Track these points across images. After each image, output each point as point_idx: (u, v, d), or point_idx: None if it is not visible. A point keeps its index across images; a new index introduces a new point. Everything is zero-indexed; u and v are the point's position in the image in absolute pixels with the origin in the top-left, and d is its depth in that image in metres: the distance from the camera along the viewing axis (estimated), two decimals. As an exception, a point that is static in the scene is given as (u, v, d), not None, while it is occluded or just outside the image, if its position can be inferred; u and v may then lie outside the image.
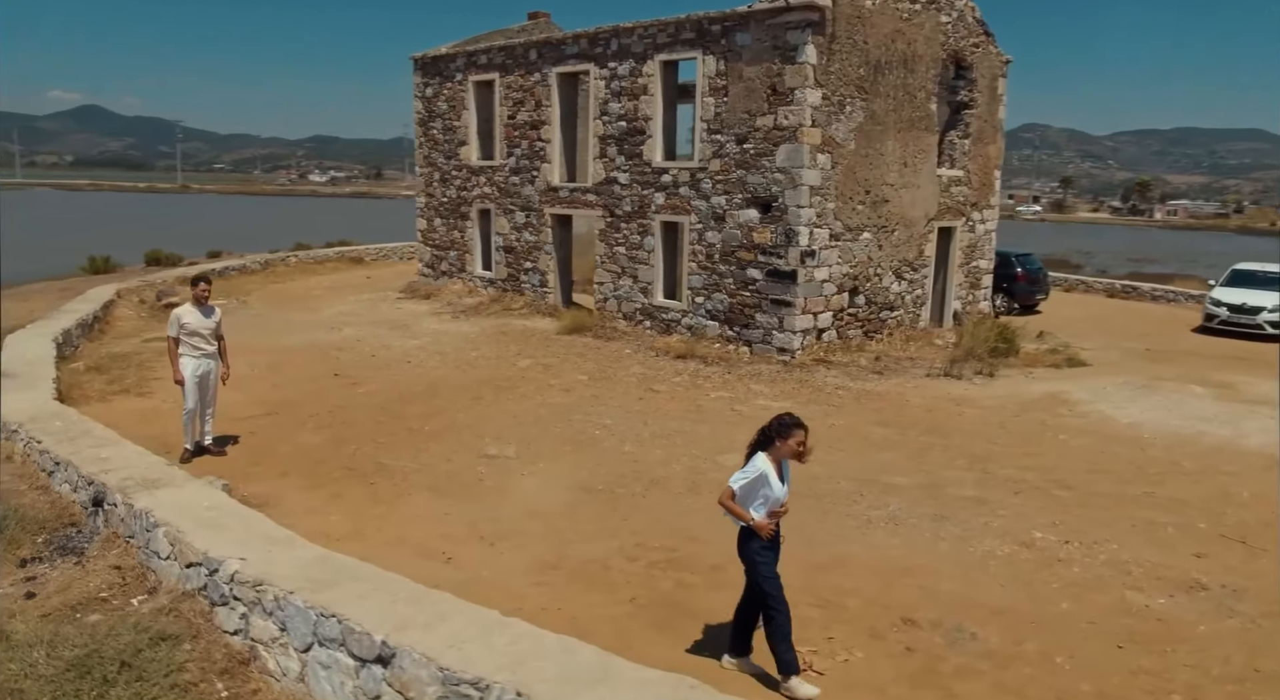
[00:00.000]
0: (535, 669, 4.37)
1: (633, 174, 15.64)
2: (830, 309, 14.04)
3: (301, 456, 9.14)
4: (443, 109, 19.83)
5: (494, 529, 7.38)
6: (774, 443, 5.08)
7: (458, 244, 20.16)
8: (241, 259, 24.81)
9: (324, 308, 18.65)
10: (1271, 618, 5.98)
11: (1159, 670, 5.34)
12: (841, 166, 13.73)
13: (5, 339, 12.35)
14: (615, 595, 6.28)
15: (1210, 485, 8.65)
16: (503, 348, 14.65)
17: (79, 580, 6.07)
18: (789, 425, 5.07)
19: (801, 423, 5.10)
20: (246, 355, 13.92)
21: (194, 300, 9.00)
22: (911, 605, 6.13)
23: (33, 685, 4.75)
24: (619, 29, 15.42)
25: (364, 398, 11.52)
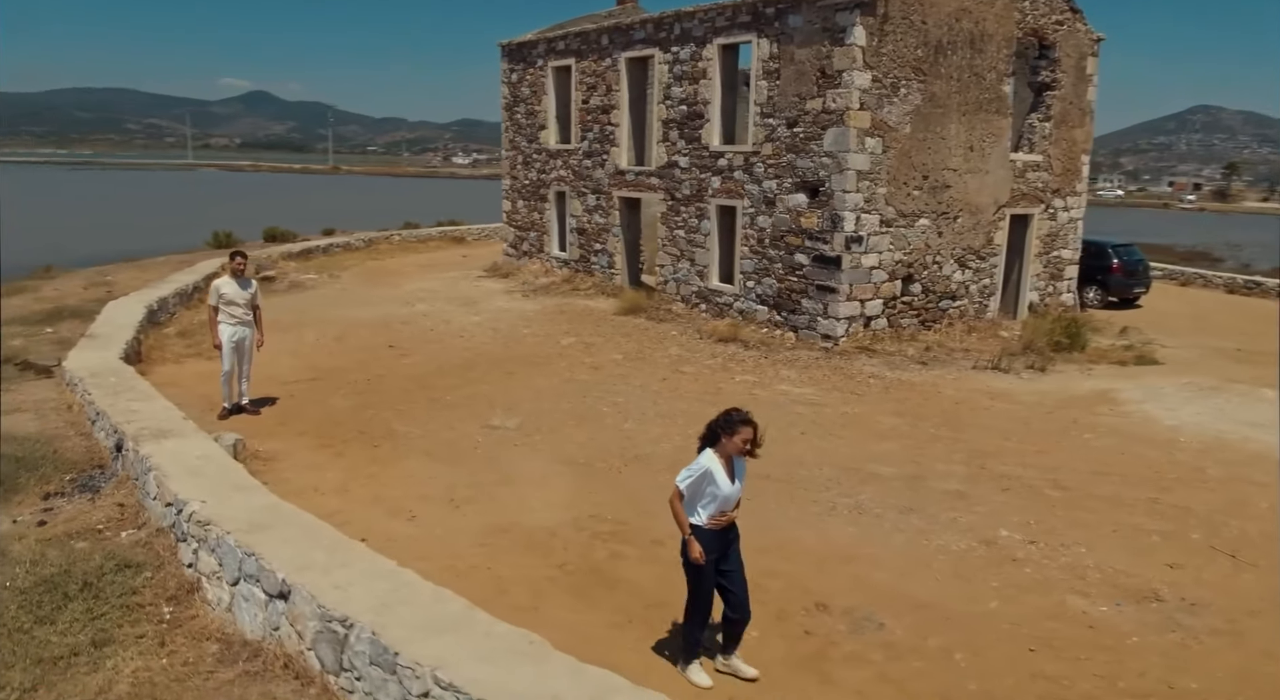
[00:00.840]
0: (400, 613, 4.73)
1: (692, 158, 15.73)
2: (880, 296, 13.73)
3: (324, 418, 9.87)
4: (525, 94, 20.45)
5: (466, 493, 7.81)
6: (720, 439, 4.91)
7: (537, 225, 20.80)
8: (348, 237, 26.38)
9: (407, 284, 19.69)
10: (1219, 635, 5.64)
11: (1061, 676, 5.16)
12: (895, 151, 13.36)
13: (107, 305, 13.78)
14: (548, 560, 6.57)
15: (1228, 494, 8.08)
16: (554, 326, 15.12)
17: (86, 513, 6.89)
18: (735, 421, 4.88)
19: (749, 419, 4.90)
20: (318, 327, 15.03)
21: (231, 273, 9.82)
22: (834, 592, 6.13)
23: (8, 595, 5.51)
24: (681, 13, 15.50)
25: (405, 368, 12.22)
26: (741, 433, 4.85)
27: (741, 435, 4.85)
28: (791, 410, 10.48)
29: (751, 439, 4.90)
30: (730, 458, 4.96)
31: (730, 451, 4.92)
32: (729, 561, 5.11)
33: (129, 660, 5.00)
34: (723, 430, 4.90)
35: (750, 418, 4.91)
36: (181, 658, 5.10)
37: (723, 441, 4.90)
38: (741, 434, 4.85)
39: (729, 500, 4.96)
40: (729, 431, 4.87)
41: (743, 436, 4.86)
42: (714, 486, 4.89)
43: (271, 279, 18.95)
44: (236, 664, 5.06)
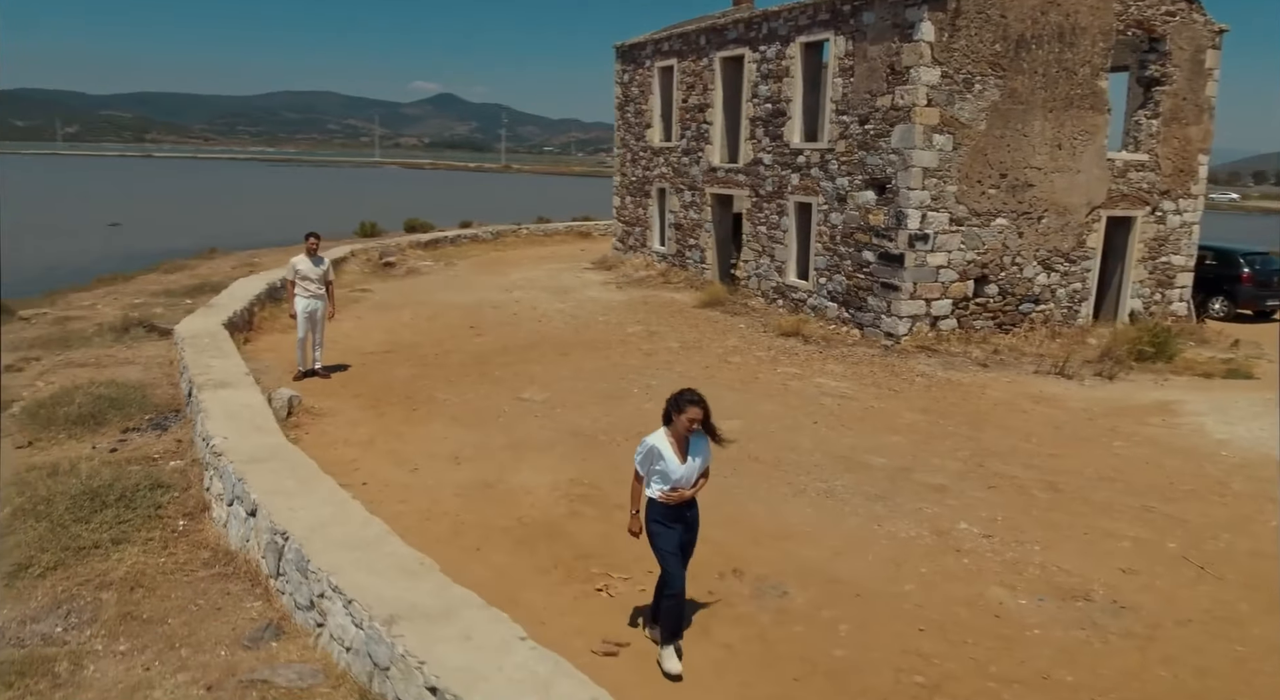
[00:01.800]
0: (329, 532, 5.55)
1: (775, 155, 15.96)
2: (949, 296, 13.49)
3: (380, 384, 10.99)
4: (635, 94, 21.23)
5: (470, 453, 8.60)
6: (671, 419, 4.97)
7: (641, 220, 21.55)
8: (478, 229, 28.14)
9: (515, 273, 20.95)
10: (1130, 638, 5.53)
11: (934, 655, 5.27)
12: (967, 148, 13.09)
13: (237, 281, 15.69)
14: (510, 513, 7.24)
15: (1239, 509, 7.65)
16: (629, 315, 15.79)
17: (149, 445, 8.21)
18: (683, 401, 4.93)
19: (698, 400, 4.93)
20: (417, 308, 16.42)
21: (306, 251, 11.10)
22: (756, 562, 6.43)
23: (62, 498, 6.78)
24: (768, 13, 15.75)
25: (474, 346, 13.26)
26: (688, 412, 4.89)
27: (688, 414, 4.89)
28: (817, 401, 10.65)
29: (700, 419, 4.92)
30: (684, 437, 4.99)
31: (679, 431, 4.95)
32: (693, 540, 5.26)
33: (134, 556, 6.09)
34: (673, 409, 4.96)
35: (698, 399, 4.94)
36: (176, 559, 6.15)
37: (674, 420, 4.96)
38: (688, 413, 4.89)
39: (682, 478, 5.00)
40: (677, 410, 4.93)
41: (689, 416, 4.89)
42: (663, 463, 4.96)
43: (392, 265, 20.72)
44: (214, 567, 6.06)
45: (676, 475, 4.98)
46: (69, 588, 5.66)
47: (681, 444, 5.00)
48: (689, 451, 5.01)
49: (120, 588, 5.67)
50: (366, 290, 18.19)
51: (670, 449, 4.97)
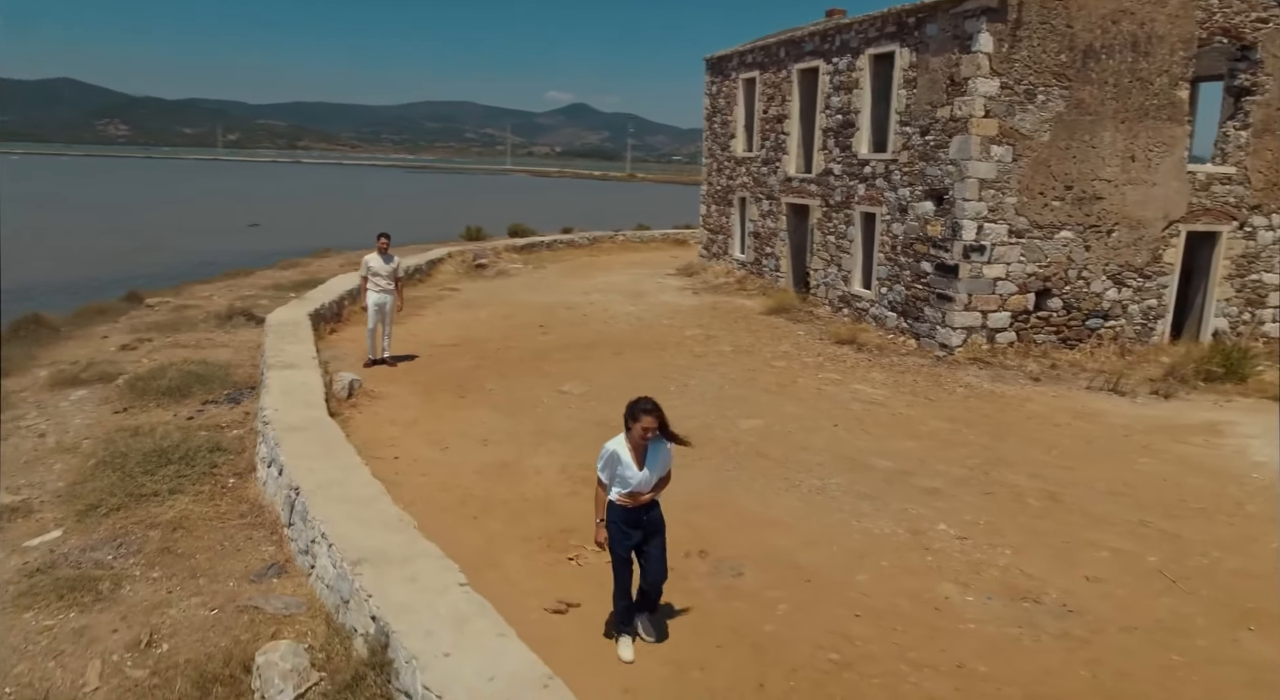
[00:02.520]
0: (332, 490, 6.39)
1: (844, 165, 16.13)
2: (1007, 309, 13.34)
3: (439, 374, 11.92)
4: (721, 105, 21.71)
5: (499, 437, 9.35)
6: (629, 426, 5.06)
7: (724, 228, 21.99)
8: (574, 235, 29.19)
9: (598, 277, 21.78)
10: (1064, 640, 5.64)
11: (859, 638, 5.57)
12: (1028, 159, 12.94)
13: (334, 277, 17.12)
14: (515, 489, 7.91)
15: (1245, 530, 7.48)
16: (693, 319, 16.28)
17: (221, 415, 9.36)
18: (639, 410, 4.99)
19: (652, 409, 4.98)
20: (495, 307, 17.45)
21: (378, 250, 12.15)
22: (724, 545, 6.85)
23: (135, 453, 7.91)
24: (840, 25, 15.95)
25: (537, 343, 14.07)
26: (642, 421, 4.95)
27: (642, 423, 4.95)
28: (846, 406, 10.87)
29: (654, 428, 4.97)
30: (641, 444, 5.05)
31: (635, 438, 5.02)
32: (650, 543, 5.31)
33: (183, 504, 7.12)
34: (629, 417, 5.02)
35: (652, 408, 4.97)
36: (217, 509, 7.14)
37: (630, 428, 5.03)
38: (642, 422, 4.95)
39: (641, 483, 5.09)
40: (633, 419, 4.99)
41: (643, 425, 4.95)
42: (622, 468, 5.06)
43: (484, 266, 21.94)
44: (246, 517, 7.01)
45: (635, 481, 5.06)
46: (125, 525, 6.70)
47: (640, 450, 5.06)
48: (648, 457, 5.08)
49: (165, 528, 6.67)
50: (455, 289, 19.41)
51: (629, 455, 5.04)
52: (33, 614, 5.50)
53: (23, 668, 4.97)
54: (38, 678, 4.87)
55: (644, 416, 4.97)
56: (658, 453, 5.13)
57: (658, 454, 5.14)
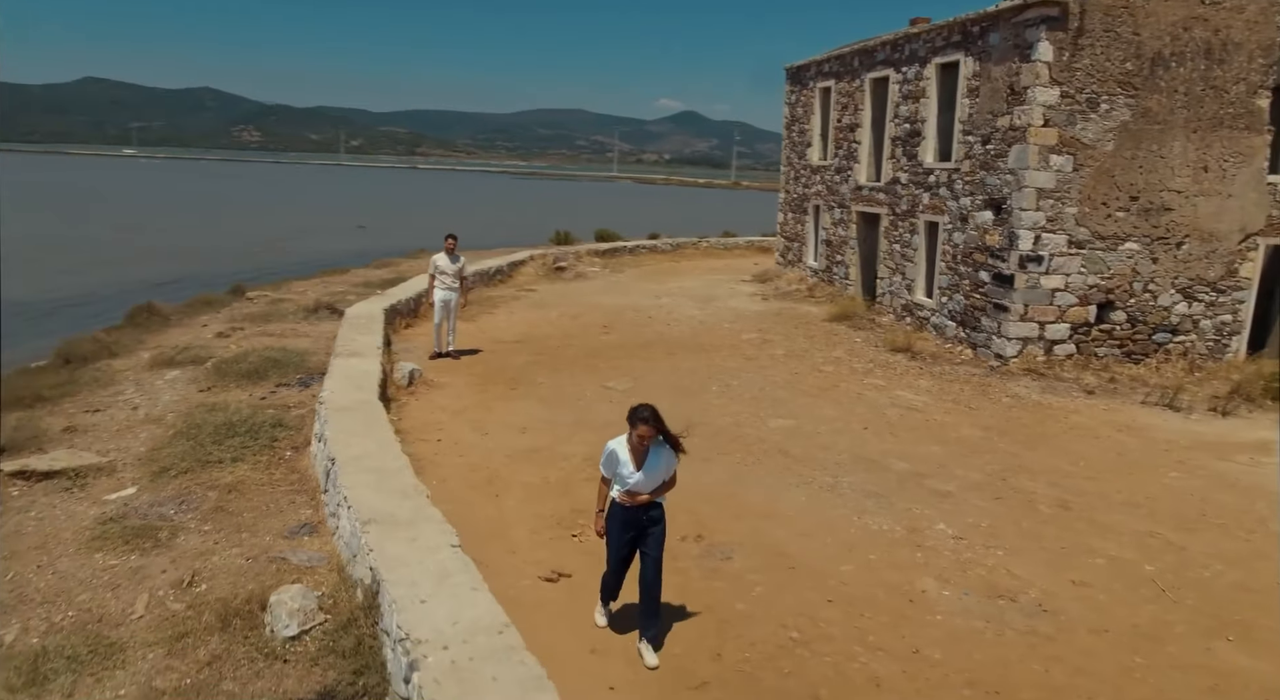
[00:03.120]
0: (364, 462, 7.09)
1: (910, 174, 16.14)
2: (1066, 321, 13.14)
3: (496, 367, 12.65)
4: (799, 114, 21.89)
5: (539, 426, 9.96)
6: (629, 430, 5.22)
7: (799, 236, 22.14)
8: (658, 241, 29.76)
9: (673, 282, 22.27)
10: (1028, 636, 5.79)
11: (824, 620, 5.85)
12: (1090, 169, 12.73)
13: (415, 277, 18.17)
14: (541, 473, 8.48)
15: (1257, 546, 7.36)
16: (755, 324, 16.57)
17: (290, 397, 10.29)
18: (636, 418, 5.13)
19: (648, 418, 5.10)
20: (566, 307, 18.17)
21: (445, 250, 12.96)
22: (722, 532, 7.23)
23: (208, 426, 8.87)
24: (909, 34, 15.97)
25: (596, 342, 14.67)
26: (638, 429, 5.11)
27: (638, 431, 5.12)
28: (882, 411, 11.01)
29: (649, 436, 5.12)
30: (641, 448, 5.20)
31: (632, 442, 5.19)
32: (646, 543, 5.42)
33: (242, 471, 7.99)
34: (629, 422, 5.19)
35: (648, 417, 5.10)
36: (271, 476, 7.98)
37: (630, 432, 5.20)
38: (637, 430, 5.12)
39: (638, 484, 5.24)
40: (631, 425, 5.17)
41: (638, 432, 5.11)
42: (620, 468, 5.26)
43: (563, 269, 22.75)
44: (294, 485, 7.81)
45: (631, 481, 5.22)
46: (189, 486, 7.61)
47: (638, 452, 5.21)
48: (647, 460, 5.22)
49: (222, 490, 7.53)
50: (532, 290, 20.26)
51: (628, 455, 5.22)
52: (101, 555, 6.39)
53: (85, 597, 5.83)
54: (96, 605, 5.72)
55: (640, 425, 5.09)
56: (658, 457, 5.23)
57: (658, 458, 5.23)
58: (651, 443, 5.21)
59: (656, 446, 5.25)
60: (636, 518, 5.36)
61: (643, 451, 5.21)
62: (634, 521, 5.37)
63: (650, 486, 5.30)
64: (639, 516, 5.36)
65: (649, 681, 5.15)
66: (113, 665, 5.06)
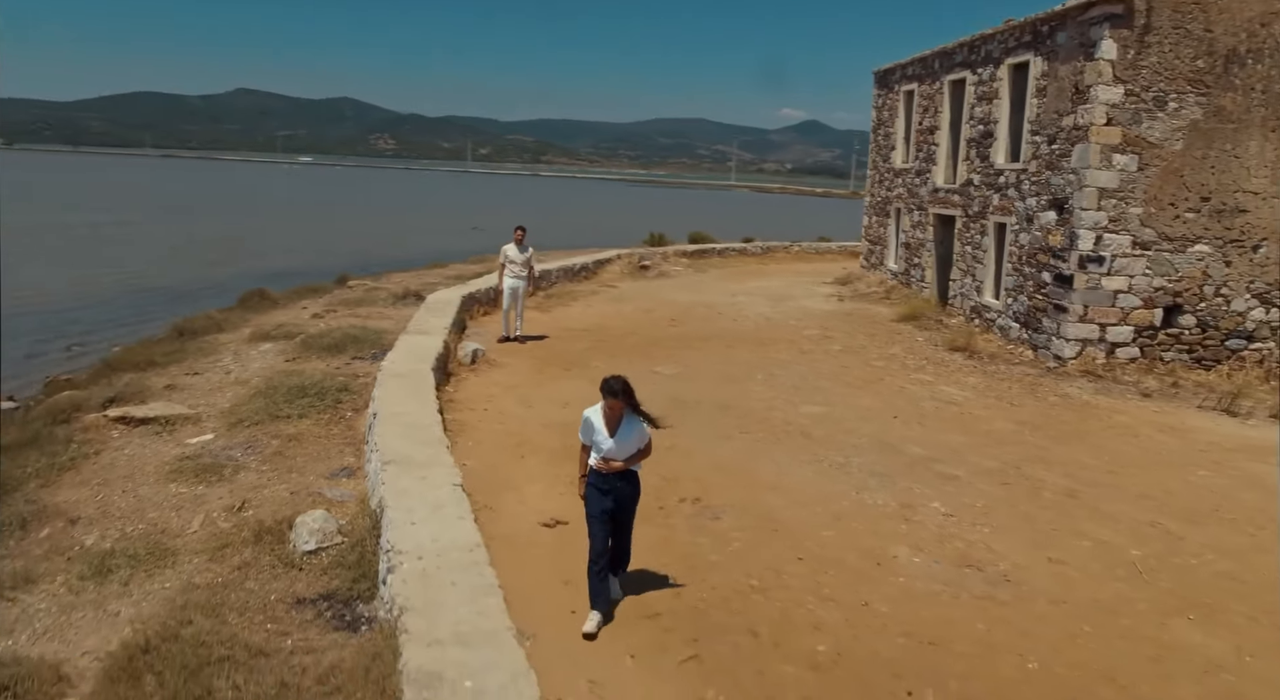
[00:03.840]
0: (400, 418, 8.00)
1: (982, 175, 16.06)
2: (1129, 323, 12.89)
3: (557, 352, 13.44)
4: (885, 117, 21.91)
5: (580, 401, 10.38)
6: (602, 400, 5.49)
7: (881, 239, 22.14)
8: (747, 243, 30.12)
9: (752, 282, 22.64)
10: (982, 601, 6.01)
11: (787, 573, 6.26)
12: (1157, 169, 12.47)
13: (502, 268, 19.23)
14: (566, 440, 9.09)
15: (1259, 541, 7.29)
16: (820, 322, 16.81)
17: (361, 368, 11.36)
18: (604, 390, 5.44)
19: (616, 391, 5.39)
20: (642, 302, 18.89)
21: (515, 241, 13.85)
22: (718, 496, 7.71)
23: (281, 389, 9.98)
24: (984, 36, 15.91)
25: (659, 333, 15.29)
26: (606, 401, 5.44)
27: (606, 402, 5.45)
28: (919, 403, 11.18)
29: (619, 407, 5.42)
30: (614, 417, 5.48)
31: (606, 412, 5.48)
32: (621, 510, 5.68)
33: (305, 426, 9.03)
34: (601, 393, 5.48)
35: (616, 390, 5.41)
36: (329, 431, 8.99)
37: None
38: (606, 402, 5.44)
39: (611, 451, 5.49)
40: (602, 395, 5.48)
41: (607, 404, 5.45)
42: (595, 435, 5.52)
43: (647, 268, 23.48)
44: (346, 438, 8.78)
45: (604, 447, 5.47)
46: (257, 435, 8.68)
47: (612, 421, 5.48)
48: (620, 429, 5.49)
49: (284, 439, 8.57)
50: (613, 287, 21.07)
51: (602, 423, 5.50)
52: (174, 485, 7.48)
53: (155, 515, 6.89)
54: (161, 521, 6.76)
55: (607, 397, 5.40)
56: (631, 427, 5.49)
57: (631, 428, 5.49)
58: (625, 414, 5.47)
59: (630, 417, 5.49)
60: (611, 484, 5.59)
61: (615, 421, 5.47)
62: (608, 488, 5.60)
63: (623, 454, 5.51)
64: (614, 483, 5.59)
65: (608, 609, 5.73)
66: (164, 565, 6.05)
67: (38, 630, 5.27)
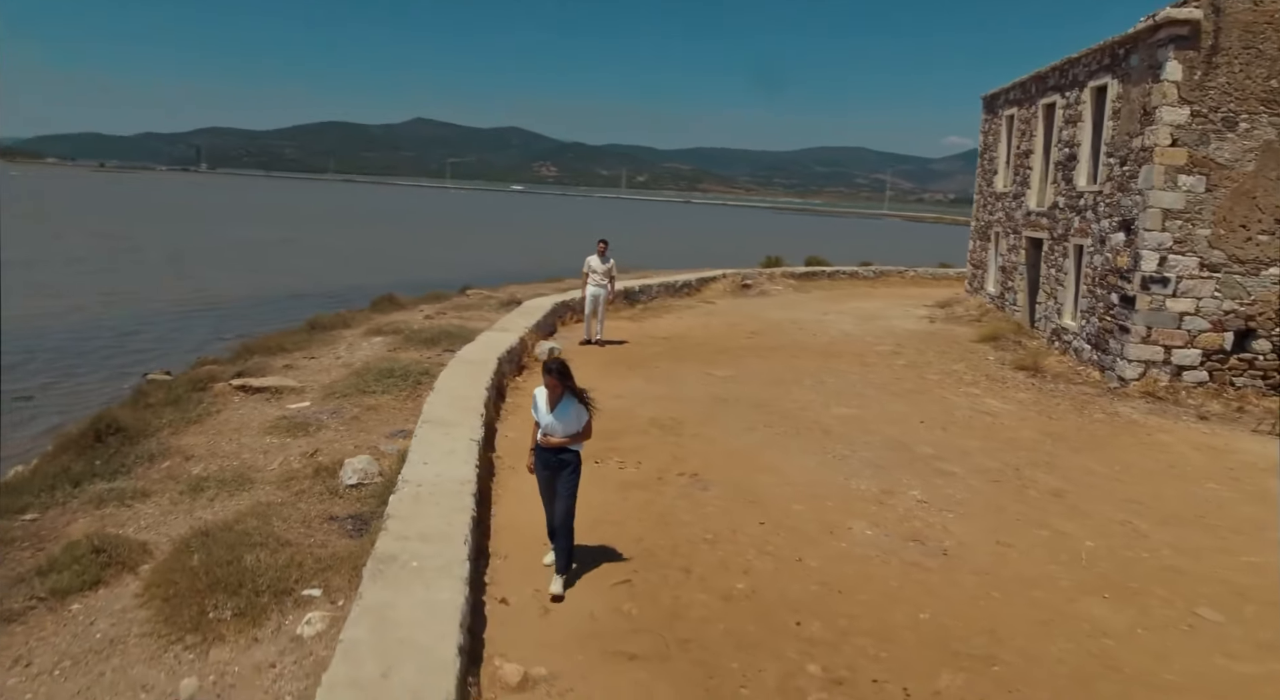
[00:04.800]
0: (450, 392, 9.40)
1: (1066, 198, 16.08)
2: (1197, 346, 12.73)
3: (629, 354, 14.64)
4: (990, 142, 21.94)
5: (629, 393, 11.78)
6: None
7: (983, 263, 22.10)
8: (859, 267, 30.35)
9: (850, 303, 23.06)
10: (911, 567, 6.67)
11: (740, 531, 7.16)
12: (1226, 190, 12.33)
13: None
14: (606, 424, 10.30)
15: (1227, 543, 7.48)
16: (898, 340, 17.20)
17: (449, 358, 12.98)
18: (545, 368, 6.06)
19: (553, 371, 5.95)
20: (730, 316, 19.87)
21: (597, 252, 15.20)
22: (717, 475, 8.64)
23: (373, 371, 11.68)
24: (1072, 59, 15.97)
25: (732, 343, 16.22)
26: (545, 378, 6.02)
27: (545, 380, 6.03)
28: (951, 412, 11.60)
29: (556, 385, 5.95)
30: (554, 396, 6.00)
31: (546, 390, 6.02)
32: (558, 484, 6.12)
33: (384, 400, 10.64)
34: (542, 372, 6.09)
35: (552, 369, 5.99)
36: (402, 405, 10.53)
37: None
38: (545, 379, 6.02)
39: (548, 426, 6.01)
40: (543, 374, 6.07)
41: (545, 381, 6.01)
42: (535, 410, 6.12)
43: (748, 287, 24.38)
44: (413, 411, 10.28)
45: (543, 423, 6.04)
46: (343, 404, 10.35)
47: (552, 399, 6.01)
48: (559, 407, 6.00)
49: (363, 408, 10.19)
50: (710, 303, 22.12)
51: (544, 400, 6.04)
52: (269, 437, 9.18)
53: (247, 456, 8.57)
54: (251, 461, 8.42)
55: (545, 375, 5.97)
56: (568, 407, 6.00)
57: (568, 408, 6.00)
58: (565, 394, 6.01)
59: (568, 398, 6.02)
60: (549, 458, 6.08)
61: (555, 399, 6.00)
62: (547, 461, 6.10)
63: (560, 431, 6.00)
64: (551, 458, 6.07)
65: (582, 544, 6.83)
66: (243, 489, 7.65)
67: (141, 525, 6.93)
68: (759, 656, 5.28)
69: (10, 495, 7.48)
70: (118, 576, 5.80)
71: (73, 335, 23.09)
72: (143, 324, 25.45)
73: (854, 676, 5.11)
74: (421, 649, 4.35)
